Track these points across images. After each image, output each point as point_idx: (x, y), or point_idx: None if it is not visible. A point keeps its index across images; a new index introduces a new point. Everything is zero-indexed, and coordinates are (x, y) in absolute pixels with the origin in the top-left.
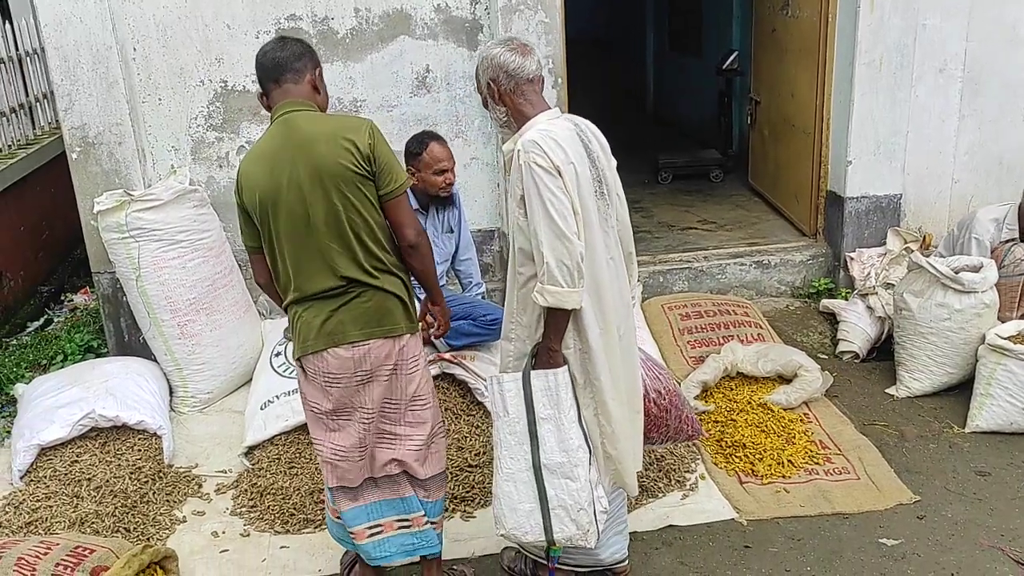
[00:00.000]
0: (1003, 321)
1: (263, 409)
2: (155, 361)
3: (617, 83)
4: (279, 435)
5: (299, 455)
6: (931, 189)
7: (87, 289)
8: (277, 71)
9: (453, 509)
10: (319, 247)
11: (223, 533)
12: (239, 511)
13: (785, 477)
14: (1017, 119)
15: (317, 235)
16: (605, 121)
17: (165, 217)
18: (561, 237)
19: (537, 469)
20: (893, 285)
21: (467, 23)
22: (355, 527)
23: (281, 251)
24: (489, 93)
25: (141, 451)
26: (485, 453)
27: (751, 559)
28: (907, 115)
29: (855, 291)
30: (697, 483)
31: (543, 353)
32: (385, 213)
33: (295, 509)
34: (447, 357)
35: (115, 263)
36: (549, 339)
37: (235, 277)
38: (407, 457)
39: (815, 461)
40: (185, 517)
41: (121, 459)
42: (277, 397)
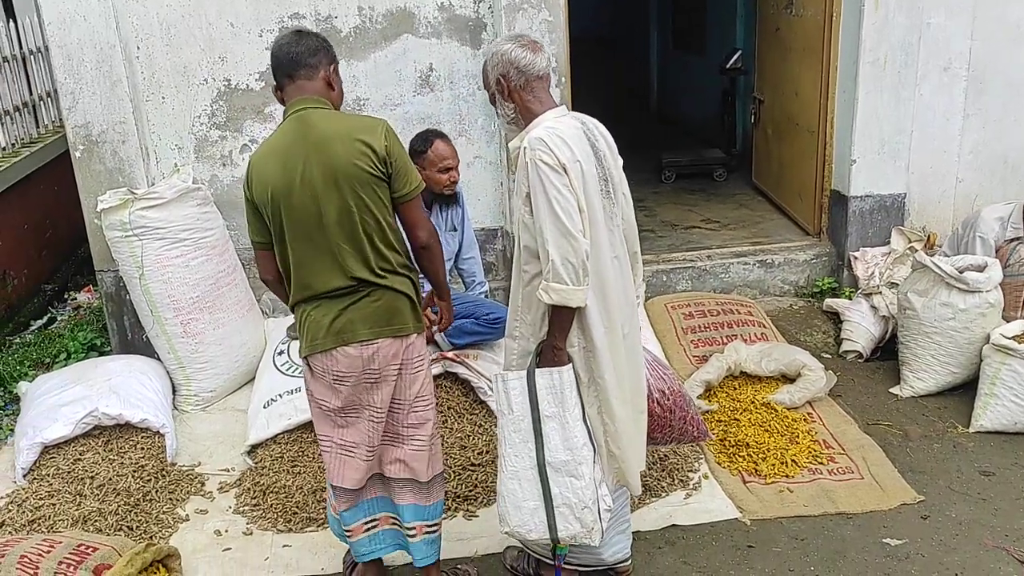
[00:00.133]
0: (1008, 320)
1: (266, 408)
2: (158, 359)
3: (621, 82)
4: (282, 434)
5: (302, 454)
6: (935, 188)
7: (90, 287)
8: (291, 66)
9: (455, 508)
10: (330, 246)
11: (226, 532)
12: (242, 510)
13: (789, 477)
14: (1021, 118)
15: (328, 234)
16: (608, 120)
17: (168, 215)
18: (566, 235)
19: (541, 467)
20: (897, 284)
21: (471, 21)
22: (352, 524)
23: (291, 249)
24: (498, 89)
25: (144, 449)
26: (488, 452)
27: (754, 559)
28: (911, 114)
29: (859, 290)
30: (700, 482)
31: (547, 351)
32: (398, 214)
33: (298, 508)
34: (450, 356)
35: (118, 261)
36: (553, 337)
37: (238, 276)
38: (410, 458)
39: (819, 461)
40: (188, 515)
41: (124, 457)
42: (280, 396)
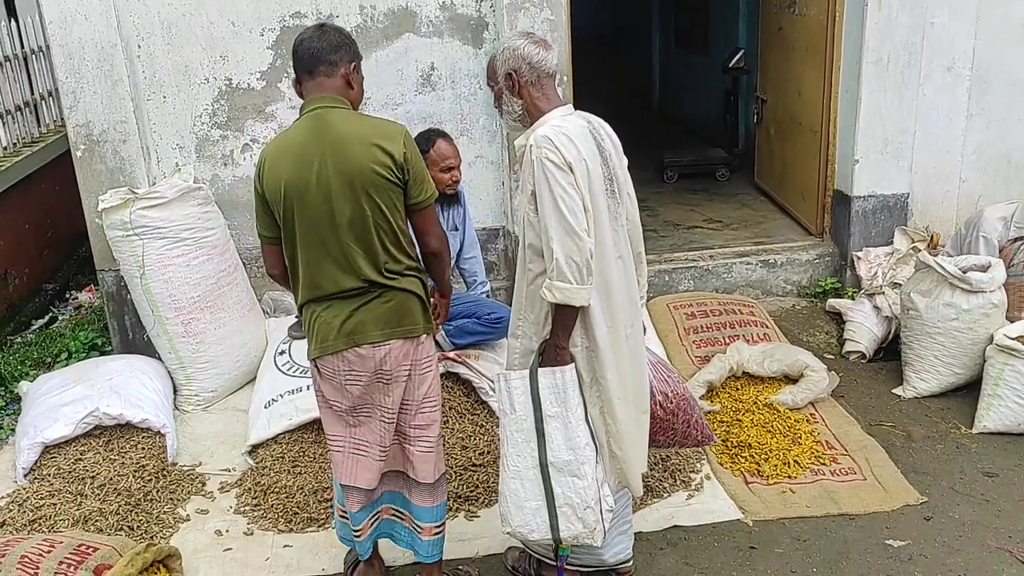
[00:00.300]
0: (1011, 321)
1: (267, 408)
2: (159, 359)
3: (623, 81)
4: (283, 434)
5: (303, 454)
6: (939, 188)
7: (92, 287)
8: (311, 62)
9: (457, 508)
10: (341, 247)
11: (226, 532)
12: (243, 510)
13: (791, 477)
14: None
15: (340, 236)
16: (610, 119)
17: (169, 215)
18: (571, 233)
19: (544, 467)
20: (900, 285)
21: (472, 21)
22: (362, 523)
23: (301, 248)
24: (507, 84)
25: (145, 449)
26: (489, 452)
27: (756, 560)
28: (915, 114)
29: (862, 291)
30: (702, 483)
31: (550, 350)
32: (411, 220)
33: (299, 508)
34: (451, 356)
35: (119, 261)
36: (557, 336)
37: (239, 275)
38: (418, 460)
39: (821, 461)
40: (189, 515)
41: (125, 457)
42: (281, 396)
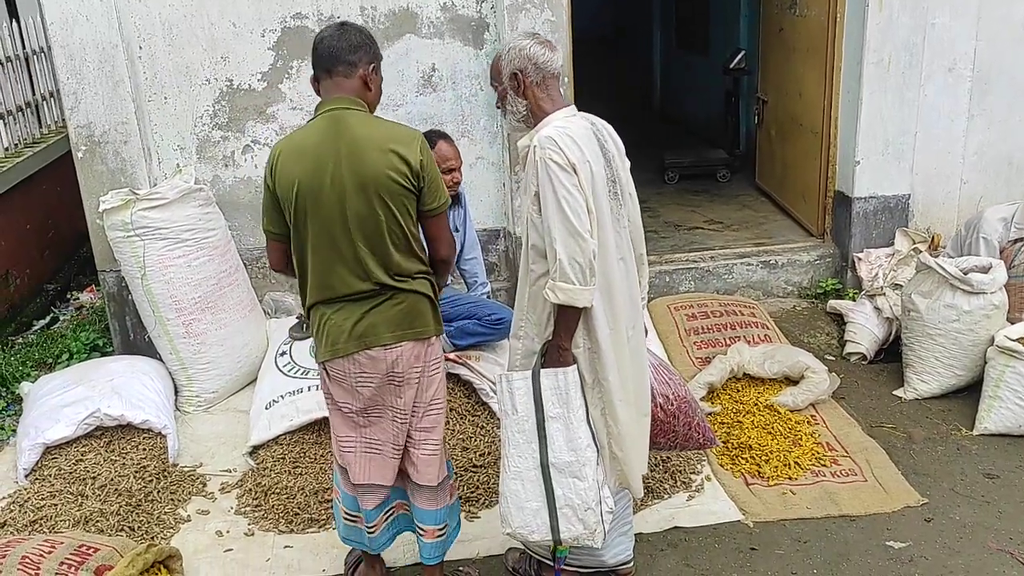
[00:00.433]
0: (1012, 322)
1: (268, 409)
2: (160, 360)
3: (623, 81)
4: (284, 435)
5: (303, 455)
6: (940, 189)
7: (93, 287)
8: (331, 61)
9: None
10: (353, 250)
11: (227, 532)
12: (243, 510)
13: (792, 479)
14: None
15: (352, 238)
16: (611, 120)
17: (170, 216)
18: (574, 234)
19: (545, 468)
20: (901, 286)
21: (473, 22)
22: (376, 519)
23: (311, 248)
24: (512, 84)
25: (146, 450)
26: (490, 454)
27: (757, 561)
28: (916, 115)
29: (863, 292)
30: (703, 484)
31: (552, 351)
32: (422, 226)
33: (299, 509)
34: (452, 357)
35: (121, 262)
36: (559, 337)
37: (240, 276)
38: (422, 463)
39: (822, 463)
40: (189, 516)
41: (126, 458)
42: (282, 397)
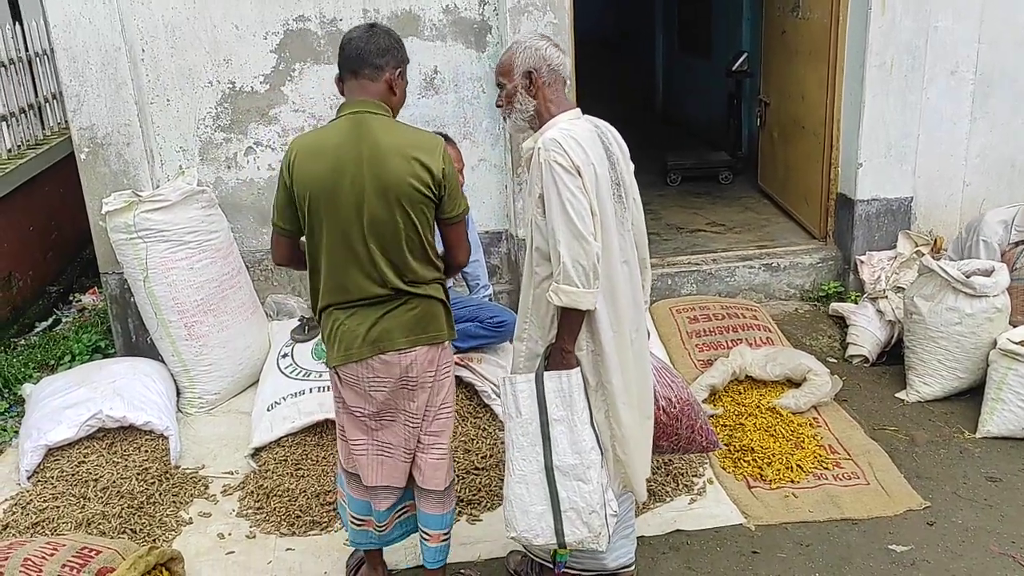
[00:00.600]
0: (1015, 325)
1: (270, 411)
2: (162, 362)
3: (626, 84)
4: (286, 437)
5: (305, 457)
6: (942, 192)
7: (95, 289)
8: (357, 63)
9: (459, 512)
10: (369, 255)
11: (229, 535)
12: (245, 513)
13: (794, 482)
14: None
15: (369, 243)
16: (613, 122)
17: (173, 218)
18: (578, 237)
19: (549, 471)
20: (903, 289)
21: (475, 24)
22: (387, 519)
23: (326, 251)
24: (524, 83)
25: (148, 452)
26: (492, 456)
27: (759, 565)
28: (918, 117)
29: (865, 294)
30: (705, 488)
31: (556, 354)
32: (442, 232)
33: (301, 511)
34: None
35: (123, 264)
36: (562, 340)
37: (243, 278)
38: (429, 468)
39: (824, 466)
40: (191, 518)
41: (128, 460)
42: (284, 399)
